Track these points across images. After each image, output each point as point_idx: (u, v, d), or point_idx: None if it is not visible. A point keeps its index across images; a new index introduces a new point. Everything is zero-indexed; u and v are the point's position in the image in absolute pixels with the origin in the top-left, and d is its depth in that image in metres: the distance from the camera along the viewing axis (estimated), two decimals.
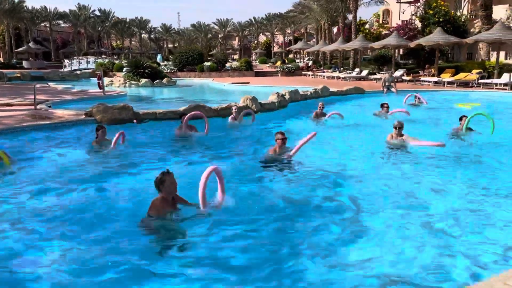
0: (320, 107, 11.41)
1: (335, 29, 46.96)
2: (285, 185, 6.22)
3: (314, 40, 57.70)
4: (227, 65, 37.26)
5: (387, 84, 19.14)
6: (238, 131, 10.16)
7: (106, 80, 23.20)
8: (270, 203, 5.52)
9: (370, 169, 7.01)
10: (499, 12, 28.41)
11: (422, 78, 24.20)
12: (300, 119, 12.23)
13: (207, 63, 36.33)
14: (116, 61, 39.19)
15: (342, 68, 34.31)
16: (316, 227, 4.78)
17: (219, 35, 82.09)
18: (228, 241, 4.44)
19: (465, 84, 21.77)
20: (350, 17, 39.78)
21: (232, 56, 76.74)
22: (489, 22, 25.79)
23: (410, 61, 32.85)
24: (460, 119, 9.57)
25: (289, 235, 4.62)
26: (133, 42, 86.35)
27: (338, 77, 30.07)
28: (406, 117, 11.23)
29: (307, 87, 18.70)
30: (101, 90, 18.31)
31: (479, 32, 30.80)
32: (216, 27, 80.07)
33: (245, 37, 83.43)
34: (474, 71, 22.34)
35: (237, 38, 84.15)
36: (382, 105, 12.33)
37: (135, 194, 5.72)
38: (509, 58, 29.10)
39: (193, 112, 9.19)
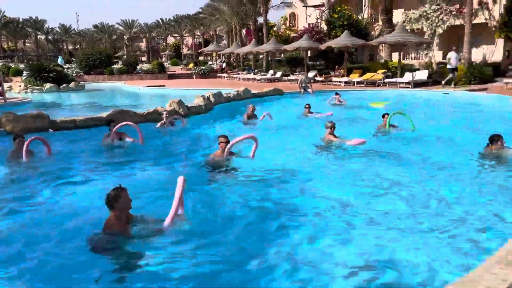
0: (250, 109, 11.37)
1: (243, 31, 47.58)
2: (237, 188, 6.05)
3: (225, 42, 57.95)
4: (138, 67, 35.81)
5: (303, 85, 19.77)
6: (172, 136, 9.71)
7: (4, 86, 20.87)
8: (226, 209, 5.31)
9: (310, 168, 7.13)
10: (397, 15, 30.94)
11: (334, 79, 25.48)
12: (229, 121, 12.11)
13: (116, 66, 34.55)
14: (12, 65, 35.55)
15: (256, 70, 34.83)
16: (275, 228, 4.74)
17: (125, 37, 78.70)
18: (189, 256, 4.15)
19: (372, 83, 23.34)
20: (260, 19, 40.65)
21: (140, 58, 74.06)
22: (390, 25, 27.98)
23: (318, 63, 34.45)
24: (383, 116, 10.16)
25: (250, 241, 4.49)
26: (27, 44, 79.15)
27: (254, 79, 30.48)
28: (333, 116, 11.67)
29: (228, 89, 18.60)
30: (1, 97, 16.40)
31: (380, 34, 33.30)
32: (121, 28, 76.70)
33: (153, 38, 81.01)
34: (380, 71, 24.05)
35: (144, 39, 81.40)
36: (305, 106, 12.71)
37: (69, 210, 5.13)
38: (406, 58, 31.81)
39: (125, 122, 8.51)
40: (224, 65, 41.84)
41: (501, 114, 12.90)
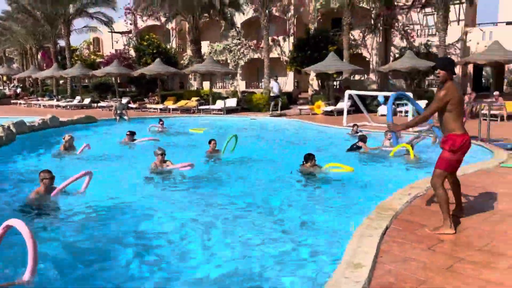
0: (65, 139, 10.25)
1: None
2: (67, 229, 5.37)
3: (16, 65, 51.32)
4: None
5: (118, 112, 18.98)
6: None
7: None
8: (60, 252, 4.65)
9: (144, 195, 6.93)
10: (204, 47, 32.69)
11: (148, 106, 25.23)
12: (38, 154, 10.68)
13: None
14: None
15: (60, 96, 31.81)
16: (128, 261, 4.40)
17: None
18: None
19: (187, 110, 23.99)
20: (61, 42, 37.55)
21: None
22: (199, 55, 29.37)
23: (128, 89, 33.70)
24: (209, 142, 10.54)
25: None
26: None
27: (58, 106, 27.74)
28: (158, 142, 11.50)
29: (31, 118, 16.44)
30: None
31: (189, 63, 34.67)
32: None
33: None
34: (193, 98, 24.93)
35: None
36: (127, 133, 12.24)
37: None
38: (215, 87, 33.84)
39: None
40: (19, 90, 36.89)
41: (297, 135, 15.01)
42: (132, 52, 36.54)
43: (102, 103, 27.10)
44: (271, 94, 21.99)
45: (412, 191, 5.99)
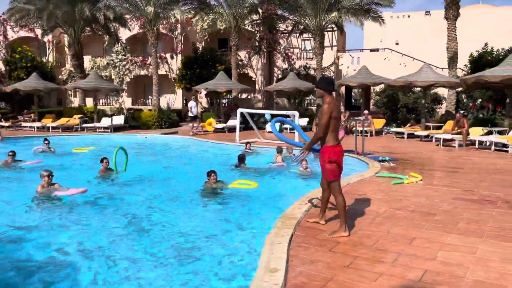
0: None
1: None
2: None
3: None
4: None
5: None
6: None
7: None
8: None
9: (34, 223, 6.46)
10: (86, 61, 31.01)
11: (23, 124, 23.05)
12: None
13: None
14: None
15: None
16: None
17: None
18: None
19: (69, 128, 22.50)
20: None
21: None
22: (81, 70, 27.79)
23: (0, 105, 30.33)
24: (101, 161, 10.18)
25: None
26: None
27: None
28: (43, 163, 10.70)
29: None
30: None
31: (68, 78, 32.54)
32: None
33: None
34: (76, 116, 23.47)
35: None
36: (8, 154, 11.18)
37: None
38: (98, 104, 32.26)
39: None
40: None
41: (192, 152, 15.25)
42: (1, 65, 33.05)
43: None
44: (190, 114, 21.55)
45: (308, 200, 6.63)
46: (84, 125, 22.57)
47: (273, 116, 22.82)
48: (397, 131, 19.28)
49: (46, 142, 13.95)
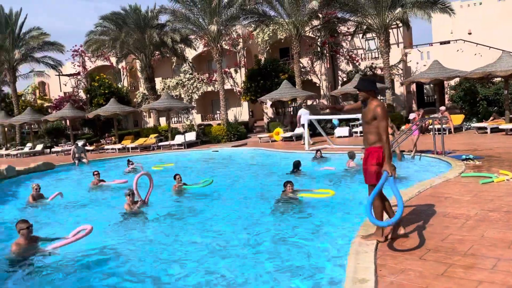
0: (35, 188, 9.95)
1: None
2: (53, 276, 5.27)
3: None
4: None
5: (77, 155, 18.53)
6: None
7: None
8: None
9: (129, 236, 6.85)
10: (157, 83, 32.70)
11: (106, 147, 24.73)
12: (4, 206, 10.26)
13: None
14: None
15: (9, 145, 30.45)
16: None
17: None
18: None
19: (147, 148, 23.77)
20: (6, 89, 36.28)
21: None
22: (154, 92, 29.36)
23: (79, 132, 32.93)
24: (174, 177, 10.51)
25: None
26: None
27: (8, 155, 26.55)
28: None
29: None
30: None
31: (142, 100, 34.49)
32: None
33: None
34: (152, 135, 24.77)
35: None
36: (93, 174, 12.10)
37: None
38: (172, 122, 33.77)
39: None
40: None
41: (263, 163, 15.36)
42: (83, 94, 35.89)
43: (56, 148, 26.24)
44: (301, 124, 19.85)
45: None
46: (160, 143, 23.70)
47: (341, 121, 22.47)
48: (479, 126, 18.03)
49: (131, 163, 14.71)
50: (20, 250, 5.81)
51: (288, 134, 22.08)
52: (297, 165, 11.02)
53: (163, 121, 31.90)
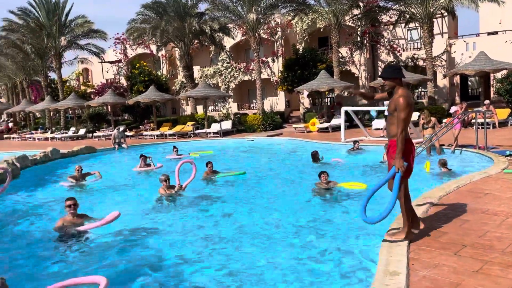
0: (77, 170, 10.40)
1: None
2: (93, 255, 5.50)
3: (3, 100, 51.22)
4: None
5: (117, 140, 19.12)
6: None
7: None
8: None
9: (168, 221, 7.04)
10: (195, 72, 33.14)
11: (144, 133, 25.39)
12: (46, 186, 10.79)
13: None
14: None
15: (54, 128, 31.84)
16: None
17: None
18: None
19: (183, 135, 24.20)
20: (52, 75, 37.81)
21: None
22: (192, 80, 29.77)
23: (120, 118, 33.90)
24: (206, 164, 10.60)
25: None
26: None
27: (53, 138, 27.77)
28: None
29: (31, 151, 16.53)
30: None
31: (180, 88, 35.05)
32: None
33: None
34: (189, 123, 25.19)
35: None
36: (141, 157, 12.48)
37: None
38: (208, 110, 34.21)
39: None
40: (11, 124, 36.80)
41: (299, 153, 15.29)
42: (123, 81, 36.87)
43: (98, 133, 27.19)
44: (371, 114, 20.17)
45: (426, 200, 6.23)
46: (197, 131, 24.08)
47: (379, 112, 21.99)
48: None
49: (175, 149, 14.94)
50: (64, 226, 6.11)
51: (325, 125, 21.87)
52: (314, 155, 10.91)
53: (200, 109, 32.34)
